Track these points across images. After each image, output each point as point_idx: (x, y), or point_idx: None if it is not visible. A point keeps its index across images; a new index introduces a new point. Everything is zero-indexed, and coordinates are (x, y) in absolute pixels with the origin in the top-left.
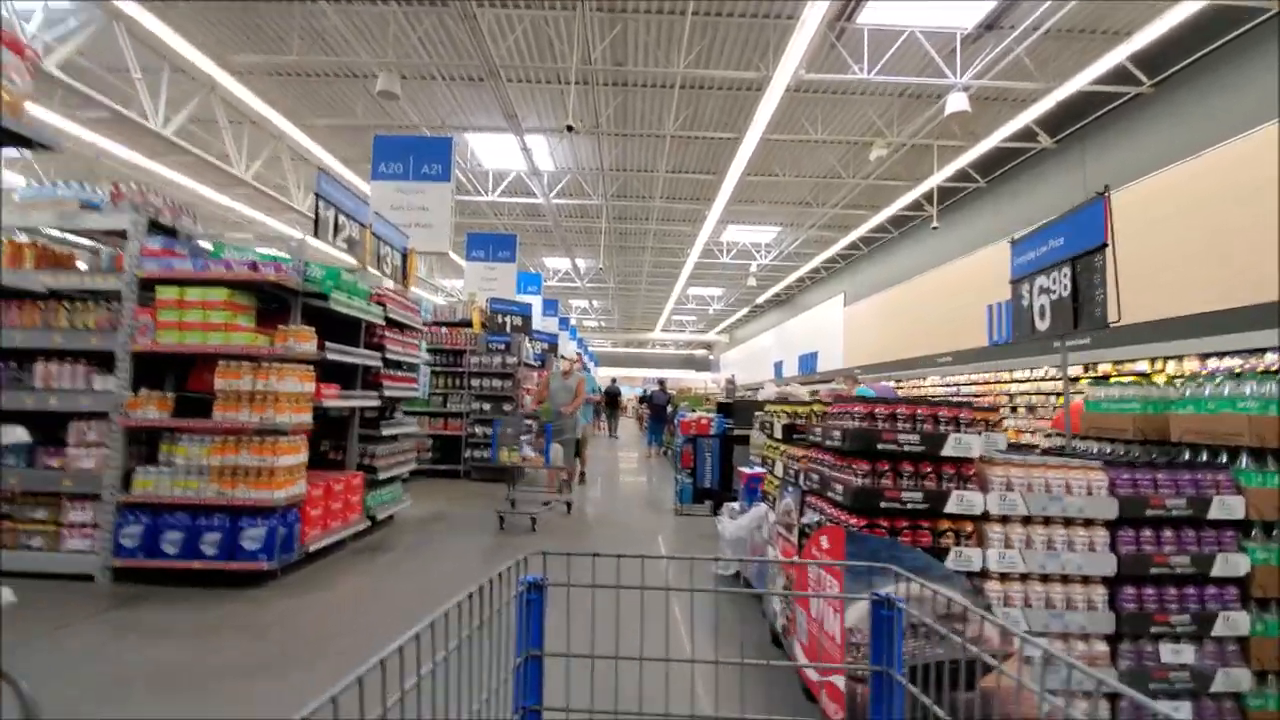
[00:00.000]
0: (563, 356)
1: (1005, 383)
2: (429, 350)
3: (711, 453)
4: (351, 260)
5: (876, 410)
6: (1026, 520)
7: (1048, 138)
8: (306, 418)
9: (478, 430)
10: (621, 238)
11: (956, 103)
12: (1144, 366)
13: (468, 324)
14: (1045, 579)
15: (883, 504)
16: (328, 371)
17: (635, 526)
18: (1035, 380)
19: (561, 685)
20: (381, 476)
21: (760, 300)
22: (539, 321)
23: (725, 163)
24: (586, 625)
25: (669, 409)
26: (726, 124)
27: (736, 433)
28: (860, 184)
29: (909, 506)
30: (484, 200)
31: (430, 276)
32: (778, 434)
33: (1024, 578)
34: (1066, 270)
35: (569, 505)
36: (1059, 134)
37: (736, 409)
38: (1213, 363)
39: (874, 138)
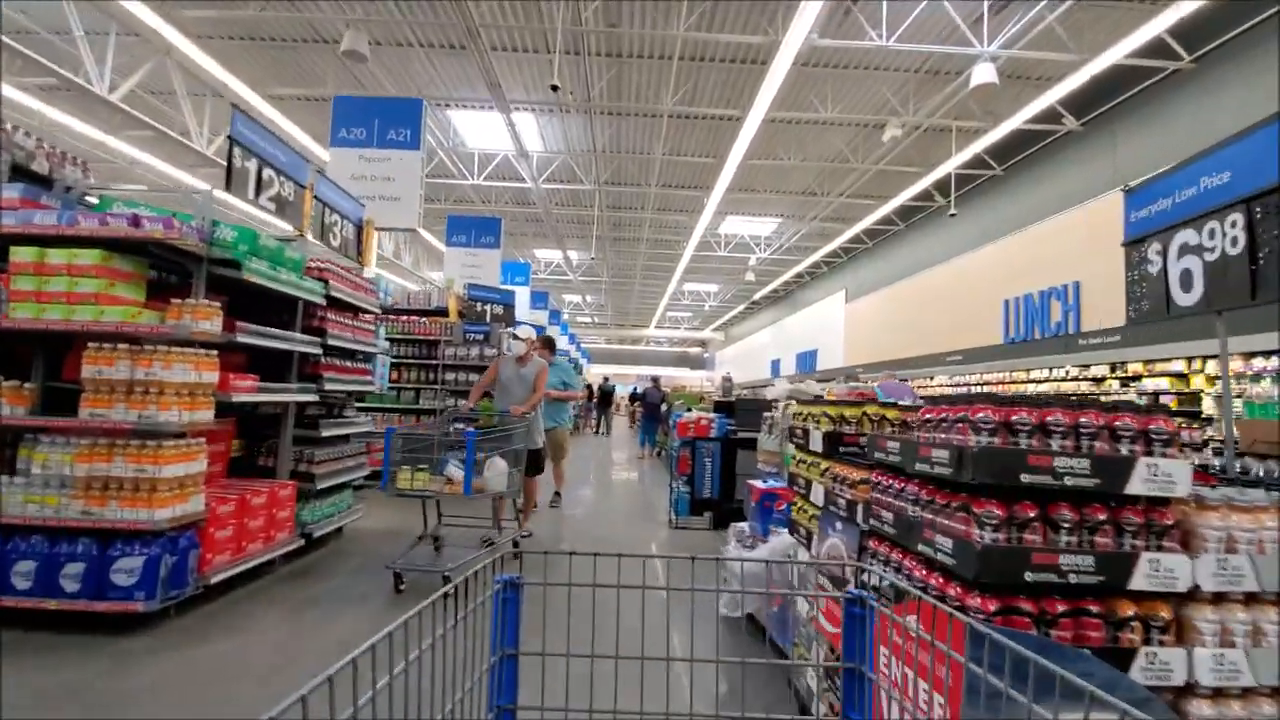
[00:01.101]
0: (514, 335)
1: (1021, 383)
2: (399, 340)
3: (712, 458)
4: (287, 226)
5: (1016, 417)
6: (1250, 599)
7: (1073, 120)
8: (205, 415)
9: (453, 429)
10: (615, 228)
11: (983, 74)
12: (1179, 366)
13: (443, 312)
14: None
15: (1029, 574)
16: (256, 361)
17: (622, 542)
18: (1055, 381)
19: (536, 686)
20: (322, 485)
21: (758, 296)
22: (526, 314)
23: (726, 145)
24: (563, 625)
25: (663, 408)
26: (729, 100)
27: (741, 435)
28: (869, 170)
29: (1071, 579)
30: (469, 184)
31: (417, 268)
32: (815, 445)
33: (1245, 693)
34: (1237, 217)
35: (517, 544)
36: (1086, 116)
37: (740, 409)
38: (1258, 362)
39: (888, 116)
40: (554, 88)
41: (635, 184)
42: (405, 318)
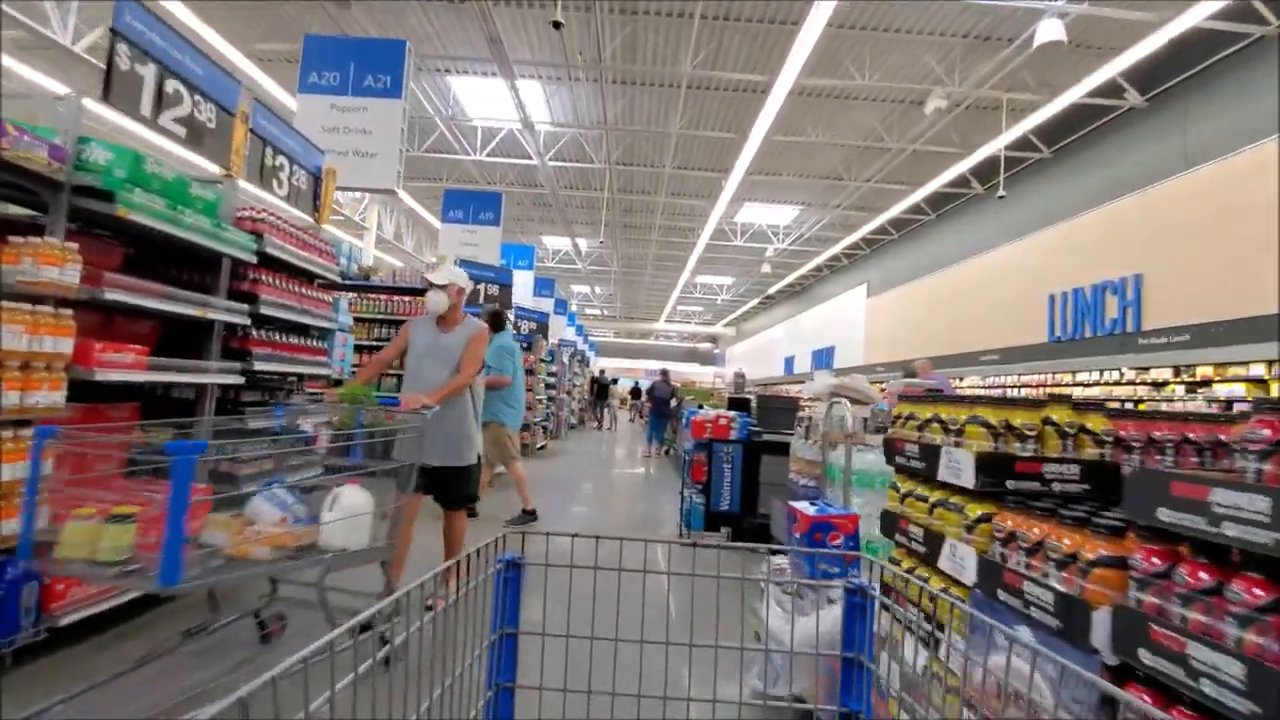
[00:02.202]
0: (429, 280)
1: (1066, 386)
2: (380, 321)
3: (732, 464)
4: (213, 167)
5: None
6: None
7: (1138, 94)
8: (52, 398)
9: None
10: (627, 213)
11: (1049, 31)
12: (1259, 371)
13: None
14: None
15: None
16: (173, 334)
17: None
18: (1106, 384)
19: (535, 665)
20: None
21: (772, 291)
22: (528, 301)
23: (749, 118)
24: (563, 605)
25: (673, 402)
26: (755, 64)
27: (766, 438)
28: (904, 152)
29: None
30: (471, 160)
31: (419, 252)
32: (954, 473)
33: None
34: None
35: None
36: (1152, 91)
37: (764, 408)
38: None
39: (931, 86)
40: (556, 24)
41: (648, 164)
42: (388, 296)
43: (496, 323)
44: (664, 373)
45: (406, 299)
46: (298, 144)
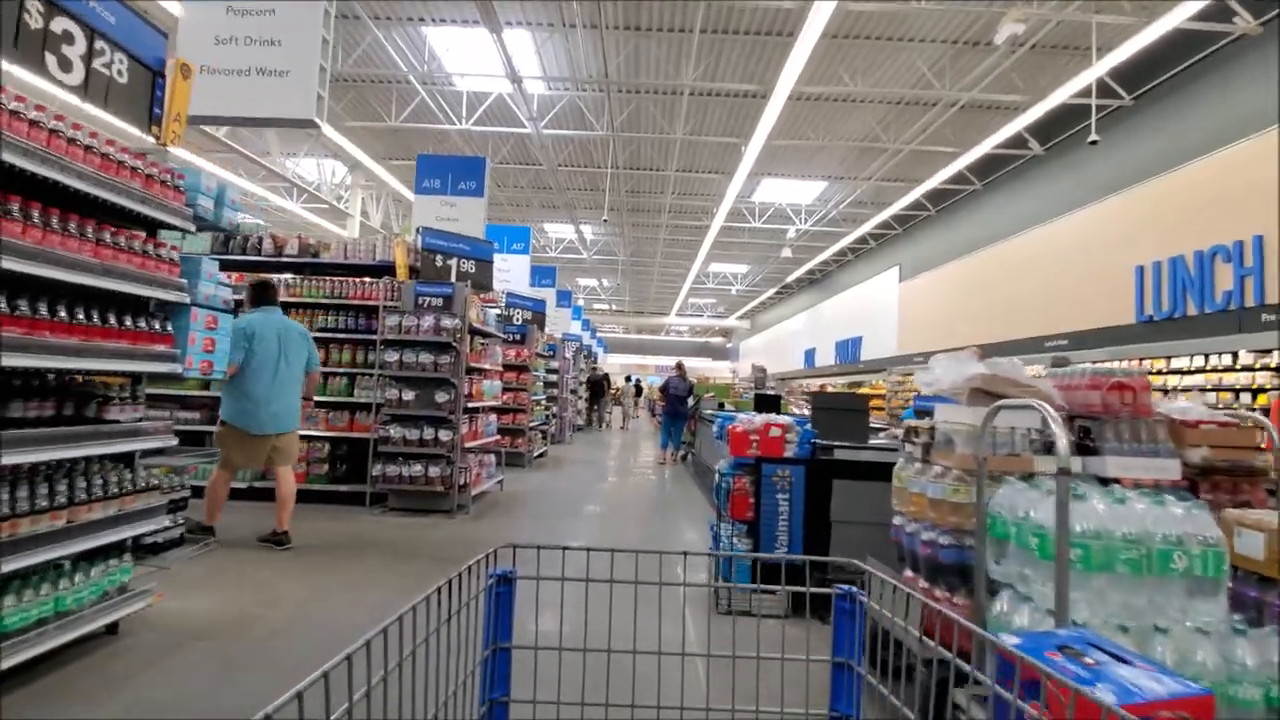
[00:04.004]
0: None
1: (1161, 374)
2: (326, 306)
3: (790, 494)
4: None
5: None
6: None
7: (1249, 18)
8: None
9: (394, 433)
10: (633, 194)
11: None
12: None
13: (389, 270)
14: None
15: None
16: None
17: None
18: (1214, 371)
19: (529, 679)
20: (9, 567)
21: (791, 279)
22: (526, 290)
23: (773, 69)
24: (555, 619)
25: (690, 400)
26: None
27: (841, 455)
28: (955, 103)
29: None
30: (455, 130)
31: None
32: None
33: None
34: None
35: None
36: (1267, 14)
37: (825, 410)
38: None
39: (1005, 5)
40: None
41: (657, 130)
42: (336, 279)
43: (257, 297)
44: (679, 366)
45: (364, 280)
46: (118, 13)
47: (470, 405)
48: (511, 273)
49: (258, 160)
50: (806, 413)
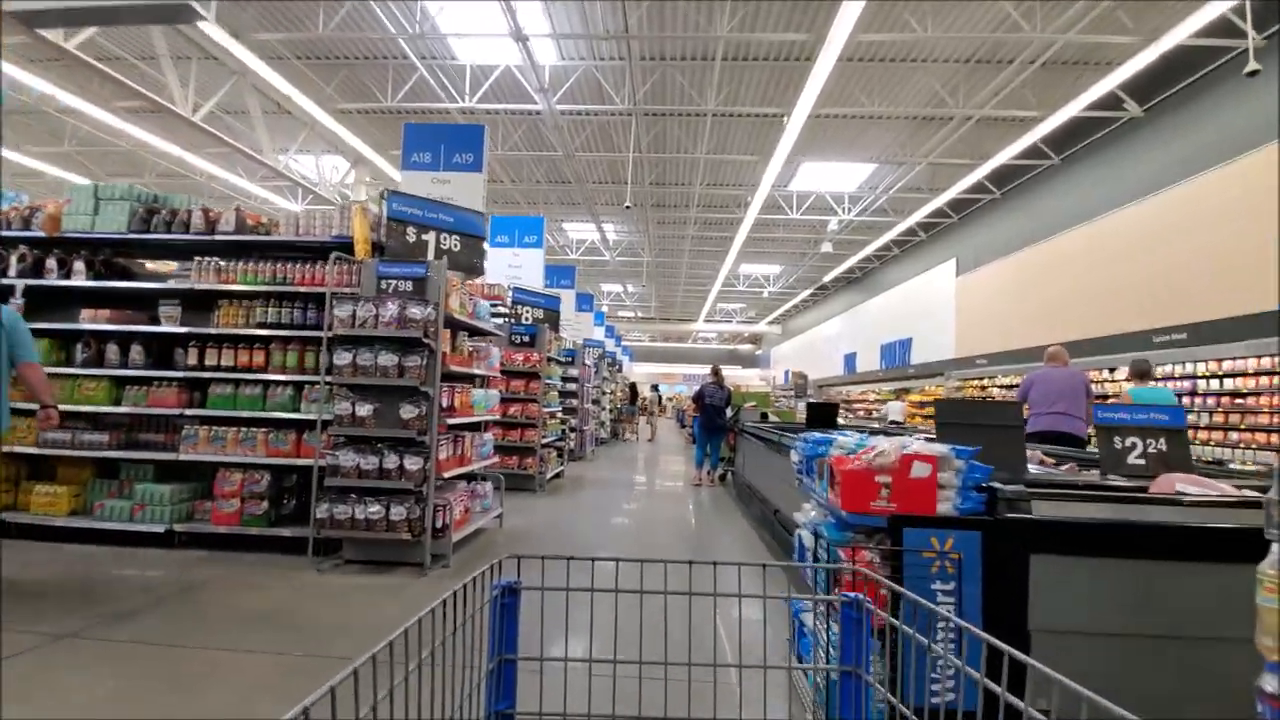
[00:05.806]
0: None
1: None
2: (267, 294)
3: (957, 579)
4: None
5: None
6: None
7: None
8: None
9: (343, 460)
10: (658, 185)
11: None
12: None
13: (344, 245)
14: None
15: None
16: None
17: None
18: None
19: (534, 691)
20: None
21: (828, 279)
22: (534, 282)
23: (824, 18)
24: (561, 630)
25: (729, 411)
26: None
27: (1048, 513)
28: (1029, 65)
29: None
30: (457, 108)
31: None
32: None
33: None
34: None
35: None
36: None
37: (970, 424)
38: None
39: None
40: None
41: (685, 102)
42: (282, 263)
43: None
44: (715, 371)
45: (318, 265)
46: None
47: (452, 421)
48: (524, 269)
49: (255, 156)
50: (889, 425)
